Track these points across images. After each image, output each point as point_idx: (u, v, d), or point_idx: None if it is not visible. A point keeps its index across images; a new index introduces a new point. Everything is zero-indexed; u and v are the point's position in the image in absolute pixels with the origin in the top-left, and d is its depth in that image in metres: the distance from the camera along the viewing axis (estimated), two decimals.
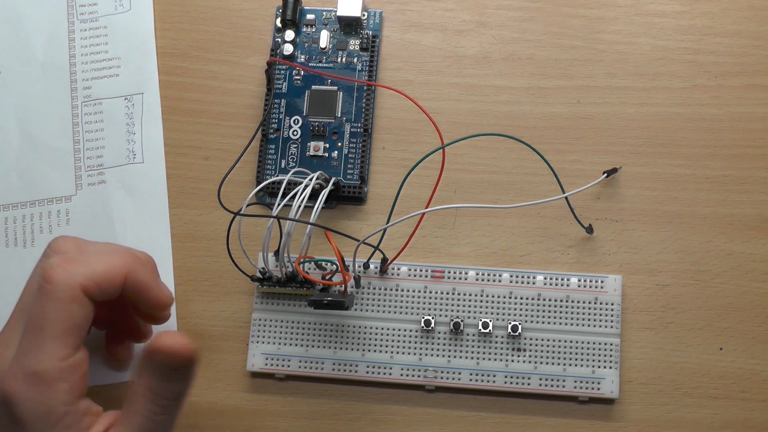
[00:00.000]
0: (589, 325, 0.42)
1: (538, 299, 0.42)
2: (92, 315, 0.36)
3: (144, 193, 0.45)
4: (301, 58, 0.46)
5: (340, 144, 0.45)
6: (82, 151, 0.46)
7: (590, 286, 0.42)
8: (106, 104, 0.47)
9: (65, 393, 0.35)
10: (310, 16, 0.47)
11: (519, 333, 0.42)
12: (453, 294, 0.42)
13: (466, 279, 0.42)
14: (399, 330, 0.42)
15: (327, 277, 0.42)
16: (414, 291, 0.43)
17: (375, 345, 0.42)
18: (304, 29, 0.46)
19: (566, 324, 0.42)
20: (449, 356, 0.42)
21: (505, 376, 0.42)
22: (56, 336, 0.35)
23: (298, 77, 0.46)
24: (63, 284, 0.35)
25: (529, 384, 0.41)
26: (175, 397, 0.36)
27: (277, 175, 0.45)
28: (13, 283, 0.45)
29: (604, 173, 0.43)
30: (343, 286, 0.41)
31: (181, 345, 0.35)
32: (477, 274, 0.42)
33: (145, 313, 0.40)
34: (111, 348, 0.42)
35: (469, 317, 0.42)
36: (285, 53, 0.46)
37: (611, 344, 0.41)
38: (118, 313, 0.41)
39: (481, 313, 0.42)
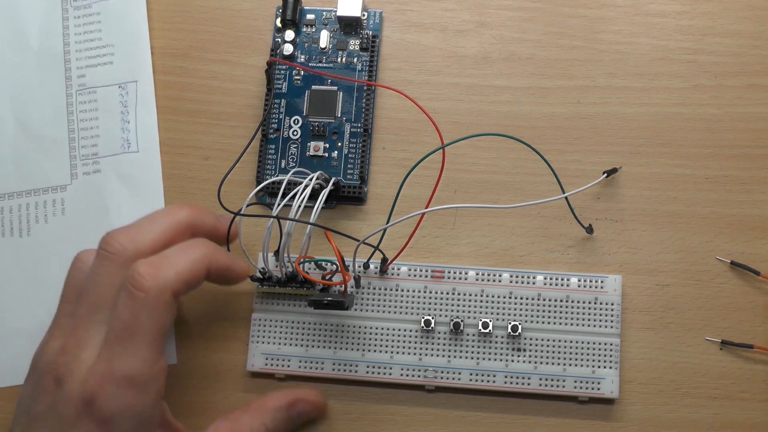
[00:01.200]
0: (589, 325, 0.42)
1: (538, 299, 0.42)
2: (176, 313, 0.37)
3: (139, 182, 0.45)
4: (301, 58, 0.46)
5: (340, 144, 0.45)
6: (77, 140, 0.46)
7: (590, 286, 0.42)
8: (101, 92, 0.47)
9: (156, 394, 0.36)
10: (310, 16, 0.47)
11: (519, 333, 0.42)
12: (453, 294, 0.42)
13: (466, 279, 0.42)
14: (399, 330, 0.42)
15: (327, 277, 0.42)
16: (414, 291, 0.43)
17: (375, 345, 0.42)
18: (304, 29, 0.46)
19: (566, 324, 0.42)
20: (449, 356, 0.42)
21: (505, 376, 0.42)
22: (149, 342, 0.36)
23: (298, 77, 0.46)
24: (156, 292, 0.36)
25: (529, 384, 0.41)
26: None
27: (277, 175, 0.45)
28: (9, 273, 0.45)
29: (604, 173, 0.43)
30: (343, 286, 0.41)
31: (322, 400, 0.42)
32: (477, 274, 0.42)
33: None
34: None
35: (469, 317, 0.42)
36: (285, 53, 0.46)
37: (611, 344, 0.41)
38: None
39: (481, 313, 0.42)
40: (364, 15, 0.46)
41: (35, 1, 0.48)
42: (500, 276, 0.42)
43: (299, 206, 0.39)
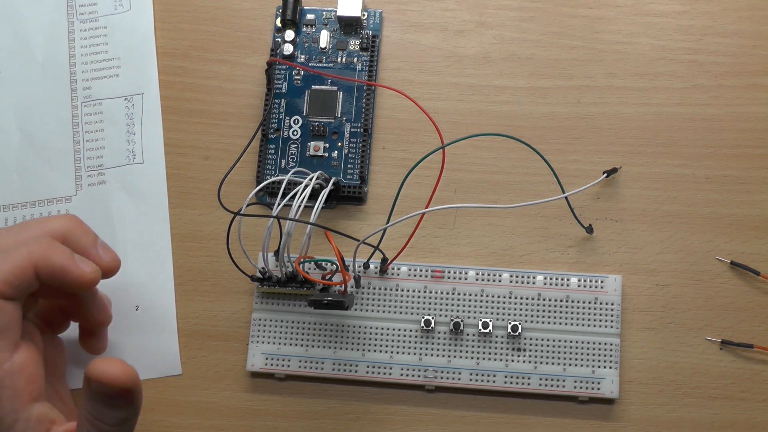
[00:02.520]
0: (589, 325, 0.42)
1: (538, 299, 0.42)
2: (18, 312, 0.35)
3: (144, 193, 0.45)
4: (301, 58, 0.46)
5: (340, 144, 0.45)
6: (82, 151, 0.46)
7: (590, 286, 0.42)
8: (106, 104, 0.47)
9: (10, 399, 0.34)
10: (310, 16, 0.47)
11: (519, 333, 0.42)
12: (453, 294, 0.42)
13: (466, 279, 0.42)
14: (399, 330, 0.42)
15: (327, 277, 0.42)
16: (414, 291, 0.43)
17: (375, 345, 0.42)
18: (304, 29, 0.46)
19: (566, 324, 0.42)
20: (449, 356, 0.42)
21: (505, 376, 0.42)
22: None
23: (298, 77, 0.46)
24: None
25: (529, 384, 0.41)
26: (117, 423, 0.34)
27: (277, 175, 0.45)
28: None
29: (604, 173, 0.43)
30: (343, 286, 0.41)
31: (115, 373, 0.32)
32: (477, 274, 0.42)
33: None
34: (84, 338, 0.42)
35: (469, 317, 0.42)
36: (285, 53, 0.46)
37: (611, 344, 0.41)
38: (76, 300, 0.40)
39: (481, 313, 0.42)
40: (364, 15, 0.46)
41: (41, 13, 0.48)
42: (500, 276, 0.42)
43: (299, 206, 0.39)
